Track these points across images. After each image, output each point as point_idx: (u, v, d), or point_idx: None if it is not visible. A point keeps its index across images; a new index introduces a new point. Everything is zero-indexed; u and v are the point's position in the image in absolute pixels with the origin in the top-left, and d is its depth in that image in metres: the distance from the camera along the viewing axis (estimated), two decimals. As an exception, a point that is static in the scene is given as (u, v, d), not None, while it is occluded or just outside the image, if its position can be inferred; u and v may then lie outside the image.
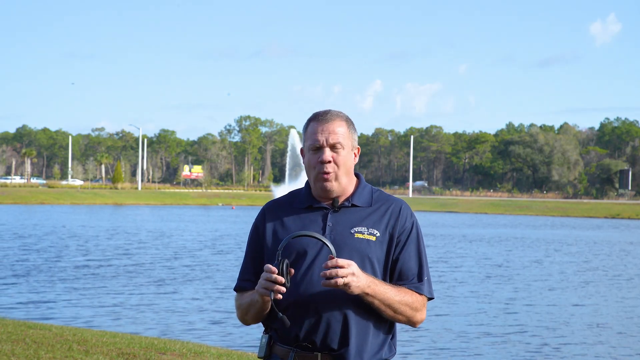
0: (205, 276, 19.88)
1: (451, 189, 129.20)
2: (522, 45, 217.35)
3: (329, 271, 2.85)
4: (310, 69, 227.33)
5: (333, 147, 3.05)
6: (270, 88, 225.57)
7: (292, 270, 2.90)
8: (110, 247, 27.76)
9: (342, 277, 2.84)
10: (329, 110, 3.13)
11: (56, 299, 15.71)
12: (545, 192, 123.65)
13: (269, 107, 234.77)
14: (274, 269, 2.86)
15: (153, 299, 16.12)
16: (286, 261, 2.86)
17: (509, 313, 15.68)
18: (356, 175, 3.20)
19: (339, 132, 3.06)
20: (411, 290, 3.05)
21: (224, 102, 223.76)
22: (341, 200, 3.11)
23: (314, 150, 3.07)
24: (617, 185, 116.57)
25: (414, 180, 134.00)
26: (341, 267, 2.85)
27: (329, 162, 3.04)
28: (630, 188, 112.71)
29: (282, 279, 2.85)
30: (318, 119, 3.09)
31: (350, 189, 3.14)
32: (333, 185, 3.07)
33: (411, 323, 3.08)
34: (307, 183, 3.18)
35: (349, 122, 3.12)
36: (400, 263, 3.08)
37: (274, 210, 3.18)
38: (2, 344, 7.94)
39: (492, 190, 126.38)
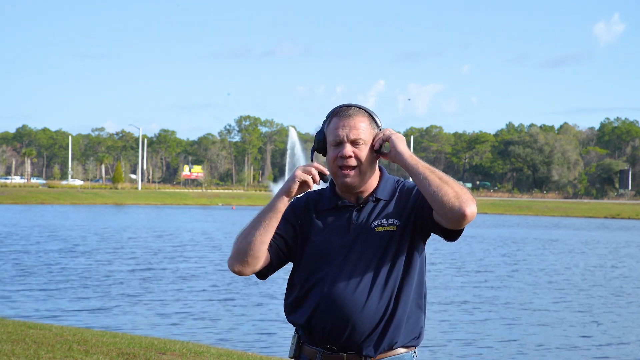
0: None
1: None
2: (523, 46, 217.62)
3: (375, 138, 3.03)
4: (314, 70, 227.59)
5: (354, 143, 3.00)
6: (271, 88, 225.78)
7: (326, 170, 3.01)
8: (155, 249, 27.19)
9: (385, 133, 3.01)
10: (351, 104, 3.06)
11: (114, 306, 15.16)
12: (545, 192, 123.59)
13: (269, 107, 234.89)
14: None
15: (164, 300, 16.14)
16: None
17: (592, 323, 14.51)
18: (379, 168, 3.14)
19: (360, 127, 3.00)
20: None
21: (224, 102, 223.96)
22: (365, 195, 3.06)
23: (335, 146, 3.02)
24: (617, 185, 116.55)
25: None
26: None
27: (350, 156, 2.99)
28: (630, 188, 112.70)
29: (325, 170, 3.00)
30: (340, 114, 3.03)
31: (374, 183, 3.08)
32: (354, 181, 3.01)
33: (461, 205, 2.79)
34: (331, 181, 3.12)
35: (371, 116, 3.05)
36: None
37: (314, 204, 3.12)
38: (2, 344, 7.93)
39: (492, 190, 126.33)
